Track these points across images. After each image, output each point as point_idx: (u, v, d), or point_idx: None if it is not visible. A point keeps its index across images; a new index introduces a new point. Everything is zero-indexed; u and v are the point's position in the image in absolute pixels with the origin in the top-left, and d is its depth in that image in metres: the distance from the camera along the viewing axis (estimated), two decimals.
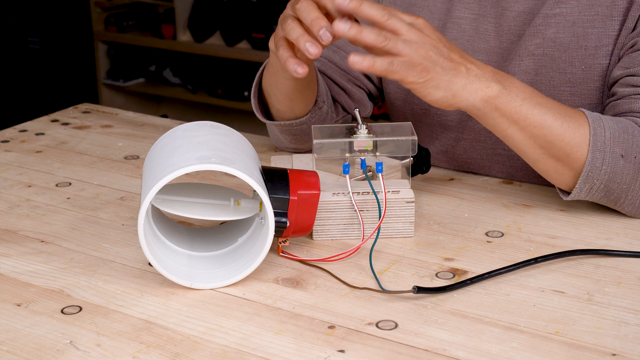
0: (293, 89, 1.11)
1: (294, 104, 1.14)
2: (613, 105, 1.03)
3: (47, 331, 0.79)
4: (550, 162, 0.97)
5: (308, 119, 1.15)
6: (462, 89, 0.92)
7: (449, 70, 0.91)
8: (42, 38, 3.83)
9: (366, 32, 0.88)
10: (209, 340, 0.77)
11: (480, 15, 1.15)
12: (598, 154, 0.95)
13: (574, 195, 0.98)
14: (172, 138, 0.90)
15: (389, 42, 0.88)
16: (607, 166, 0.95)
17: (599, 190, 0.97)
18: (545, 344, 0.76)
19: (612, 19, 1.07)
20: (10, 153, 1.25)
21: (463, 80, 0.92)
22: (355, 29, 0.88)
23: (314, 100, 1.15)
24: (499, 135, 0.97)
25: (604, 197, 0.98)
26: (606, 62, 1.08)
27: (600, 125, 0.96)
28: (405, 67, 0.89)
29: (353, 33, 0.88)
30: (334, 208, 0.95)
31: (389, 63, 0.88)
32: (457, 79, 0.92)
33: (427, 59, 0.90)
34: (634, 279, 0.87)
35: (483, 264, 0.90)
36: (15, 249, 0.95)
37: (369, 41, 0.88)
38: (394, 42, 0.89)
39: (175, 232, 0.93)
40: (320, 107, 1.16)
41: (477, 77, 0.93)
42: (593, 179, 0.96)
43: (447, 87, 0.92)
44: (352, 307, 0.82)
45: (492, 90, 0.93)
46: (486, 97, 0.93)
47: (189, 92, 3.77)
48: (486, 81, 0.93)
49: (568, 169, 0.97)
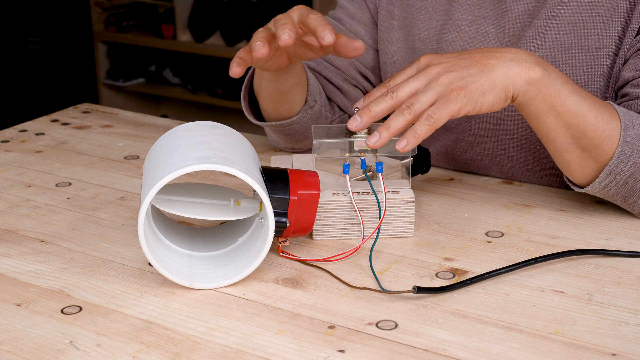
0: (276, 91, 1.11)
1: (278, 106, 1.14)
2: (627, 105, 1.02)
3: (47, 331, 0.79)
4: (577, 153, 0.95)
5: (299, 119, 1.15)
6: (505, 78, 0.90)
7: (481, 70, 0.89)
8: (42, 38, 3.83)
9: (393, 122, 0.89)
10: (209, 340, 0.77)
11: (480, 17, 1.15)
12: (627, 149, 0.93)
13: (591, 187, 0.96)
14: (172, 138, 0.90)
15: (413, 108, 0.88)
16: (632, 162, 0.94)
17: (617, 186, 0.96)
18: (545, 344, 0.76)
19: (613, 20, 1.07)
20: (10, 153, 1.25)
21: (501, 69, 0.90)
22: (385, 131, 0.88)
23: (301, 102, 1.15)
24: (532, 122, 0.94)
25: (618, 194, 0.97)
26: (608, 63, 1.08)
27: (630, 120, 0.95)
28: (441, 106, 0.88)
29: (385, 137, 0.89)
30: (334, 208, 0.95)
31: (425, 120, 0.88)
32: (493, 73, 0.90)
33: (453, 81, 0.88)
34: (634, 279, 0.87)
35: (483, 264, 0.90)
36: (15, 249, 0.95)
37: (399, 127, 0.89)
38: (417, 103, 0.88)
39: (175, 232, 0.93)
40: (312, 106, 1.16)
41: (514, 60, 0.91)
42: (615, 174, 0.94)
43: (492, 86, 0.89)
44: (352, 307, 0.82)
45: (536, 72, 0.90)
46: (530, 80, 0.90)
47: (189, 92, 3.77)
48: (526, 63, 0.91)
49: (593, 160, 0.95)
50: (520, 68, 0.90)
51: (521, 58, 0.91)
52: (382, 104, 0.90)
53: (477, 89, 0.89)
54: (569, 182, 1.00)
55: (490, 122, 1.15)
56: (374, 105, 0.90)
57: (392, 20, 1.22)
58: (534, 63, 0.91)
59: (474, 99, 0.89)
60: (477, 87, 0.89)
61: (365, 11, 1.24)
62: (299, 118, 1.15)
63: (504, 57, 0.91)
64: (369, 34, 1.24)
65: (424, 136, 0.88)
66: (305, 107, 1.15)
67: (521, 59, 0.91)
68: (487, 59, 0.90)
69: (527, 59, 0.91)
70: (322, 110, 1.19)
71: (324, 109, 1.19)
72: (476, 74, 0.89)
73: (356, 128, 0.91)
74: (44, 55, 3.85)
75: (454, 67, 0.90)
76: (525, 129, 1.13)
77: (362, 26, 1.24)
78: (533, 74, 0.90)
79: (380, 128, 0.89)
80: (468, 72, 0.89)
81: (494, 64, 0.90)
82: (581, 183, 0.98)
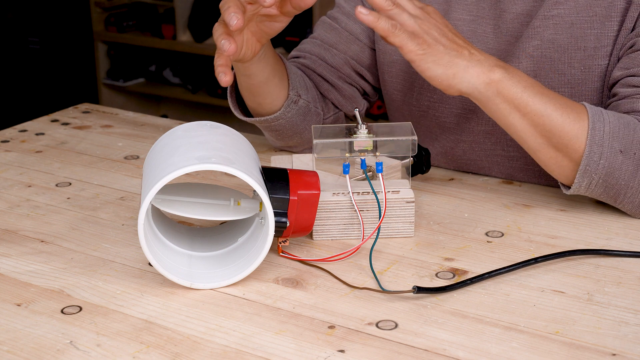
0: (253, 85, 1.12)
1: (259, 100, 1.14)
2: (615, 105, 1.03)
3: (47, 331, 0.79)
4: (550, 152, 0.97)
5: (282, 114, 1.15)
6: (464, 71, 0.94)
7: (451, 50, 0.94)
8: (42, 38, 3.83)
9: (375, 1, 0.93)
10: (209, 340, 0.77)
11: (478, 17, 1.15)
12: (595, 148, 0.95)
13: (574, 189, 0.98)
14: (172, 138, 0.90)
15: (395, 9, 0.93)
16: (604, 160, 0.95)
17: (598, 186, 0.97)
18: (545, 344, 0.76)
19: (610, 20, 1.07)
20: (10, 153, 1.25)
21: (465, 62, 0.94)
22: (373, 17, 0.92)
23: (283, 96, 1.15)
24: (500, 122, 0.98)
25: (603, 193, 0.98)
26: (605, 63, 1.08)
27: (601, 119, 0.96)
28: (406, 34, 0.92)
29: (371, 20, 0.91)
30: (334, 208, 0.95)
31: (392, 25, 0.92)
32: (458, 59, 0.94)
33: (429, 34, 0.93)
34: (634, 279, 0.87)
35: (483, 264, 0.90)
36: (15, 249, 0.95)
37: (377, 3, 0.92)
38: (399, 12, 0.93)
39: (175, 232, 0.93)
40: (295, 100, 1.15)
41: (480, 61, 0.95)
42: (591, 173, 0.96)
43: (447, 65, 0.94)
44: (352, 307, 0.82)
45: (495, 75, 0.94)
46: (489, 81, 0.94)
47: (189, 92, 3.77)
48: (489, 66, 0.95)
49: (567, 160, 0.97)
50: (482, 69, 0.95)
51: (487, 62, 0.95)
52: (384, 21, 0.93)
53: (435, 56, 0.94)
54: (560, 184, 1.02)
55: (490, 123, 1.15)
56: None
57: None
58: (497, 66, 0.95)
59: (427, 60, 0.94)
60: (438, 55, 0.94)
61: None
62: (282, 113, 1.15)
63: (475, 56, 0.95)
64: (364, 33, 1.24)
65: (379, 28, 0.92)
66: (287, 102, 1.15)
67: (487, 62, 0.95)
68: (463, 48, 0.95)
69: (492, 63, 0.96)
70: (310, 106, 1.18)
71: (312, 105, 1.19)
72: (448, 48, 0.94)
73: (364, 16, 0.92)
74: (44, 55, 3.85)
75: (439, 30, 0.95)
76: None
77: (358, 25, 1.24)
78: (492, 75, 0.95)
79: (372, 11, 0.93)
80: (444, 42, 0.94)
81: (464, 55, 0.95)
82: (565, 183, 1.00)
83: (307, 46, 1.25)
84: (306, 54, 1.24)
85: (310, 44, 1.25)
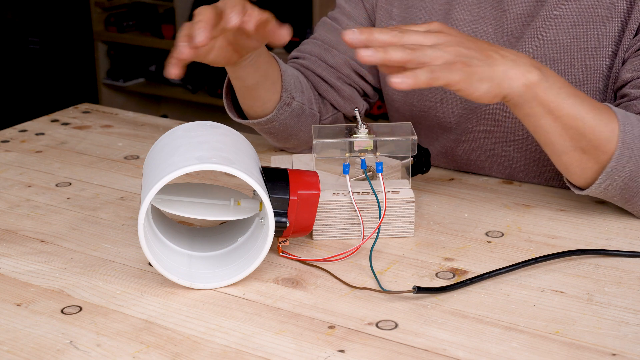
0: (243, 88, 1.11)
1: (250, 103, 1.14)
2: (626, 106, 1.02)
3: (47, 331, 0.79)
4: (576, 155, 0.95)
5: (275, 116, 1.14)
6: (504, 76, 0.89)
7: (485, 60, 0.89)
8: (42, 38, 3.83)
9: (392, 51, 0.85)
10: (209, 340, 0.77)
11: (479, 17, 1.15)
12: (626, 151, 0.93)
13: (591, 190, 0.96)
14: (172, 138, 0.90)
15: (417, 53, 0.86)
16: (631, 164, 0.94)
17: (617, 188, 0.96)
18: (545, 344, 0.76)
19: (612, 20, 1.07)
20: (10, 153, 1.25)
21: (502, 67, 0.89)
22: (381, 52, 0.85)
23: (275, 99, 1.14)
24: (529, 125, 0.94)
25: (618, 195, 0.97)
26: (606, 64, 1.08)
27: (629, 122, 0.94)
28: (445, 69, 0.86)
29: (380, 57, 0.85)
30: (334, 208, 0.95)
31: (429, 71, 0.85)
32: (496, 67, 0.89)
33: (459, 55, 0.87)
34: (634, 279, 0.87)
35: (483, 264, 0.90)
36: (15, 249, 0.95)
37: (397, 59, 0.85)
38: (421, 52, 0.86)
39: (175, 232, 0.93)
40: (288, 103, 1.14)
41: (515, 62, 0.90)
42: (615, 176, 0.94)
43: (490, 77, 0.89)
44: (352, 307, 0.82)
45: (533, 76, 0.90)
46: (528, 83, 0.90)
47: (189, 92, 3.77)
48: (525, 66, 0.90)
49: (593, 162, 0.95)
50: (519, 70, 0.90)
51: (521, 61, 0.91)
52: (385, 35, 0.87)
53: (478, 73, 0.88)
54: (569, 184, 1.00)
55: (490, 123, 1.15)
56: (377, 33, 0.87)
57: (391, 20, 1.22)
58: (532, 66, 0.91)
59: (472, 80, 0.88)
60: (478, 71, 0.88)
61: (361, 11, 1.24)
62: (274, 115, 1.14)
63: (507, 56, 0.91)
64: None
65: (422, 83, 0.85)
66: (280, 104, 1.14)
67: (521, 61, 0.91)
68: (492, 52, 0.90)
69: (527, 62, 0.91)
70: (304, 108, 1.18)
71: (307, 106, 1.18)
72: (481, 59, 0.89)
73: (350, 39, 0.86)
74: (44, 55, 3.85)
75: (463, 44, 0.89)
76: (525, 130, 1.13)
77: (359, 26, 1.24)
78: (531, 77, 0.90)
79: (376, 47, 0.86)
80: (474, 54, 0.89)
81: (497, 59, 0.90)
82: (581, 185, 0.98)
83: (307, 47, 1.25)
84: (306, 54, 1.24)
85: (310, 45, 1.25)
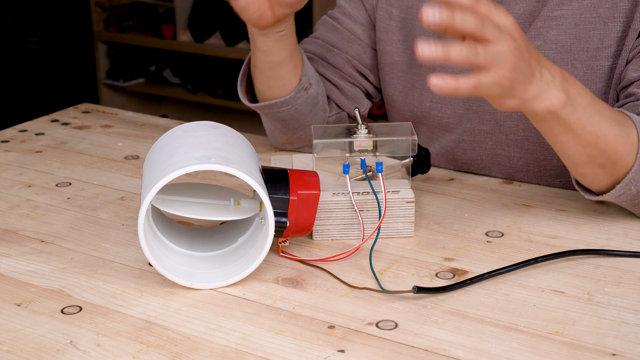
0: (268, 63, 1.11)
1: (271, 82, 1.14)
2: (633, 105, 1.02)
3: (47, 331, 0.79)
4: (592, 168, 0.94)
5: (291, 99, 1.14)
6: (532, 99, 0.87)
7: (526, 79, 0.86)
8: (42, 38, 3.83)
9: (455, 51, 0.80)
10: (209, 340, 0.77)
11: None
12: None
13: (605, 197, 0.96)
14: (172, 138, 0.90)
15: (479, 57, 0.81)
16: None
17: (630, 195, 0.95)
18: (545, 344, 0.76)
19: (613, 20, 1.07)
20: (10, 153, 1.25)
21: (535, 89, 0.86)
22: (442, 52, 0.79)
23: (295, 82, 1.14)
24: (547, 138, 0.93)
25: (629, 201, 0.97)
26: (608, 64, 1.07)
27: None
28: (491, 86, 0.83)
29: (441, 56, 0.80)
30: (334, 208, 0.95)
31: (474, 86, 0.82)
32: (530, 86, 0.86)
33: (513, 70, 0.83)
34: (634, 279, 0.87)
35: (483, 264, 0.90)
36: (15, 249, 0.95)
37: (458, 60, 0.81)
38: (483, 56, 0.81)
39: (175, 232, 0.93)
40: (306, 87, 1.15)
41: (548, 84, 0.87)
42: (631, 186, 0.94)
43: (521, 97, 0.86)
44: (352, 307, 0.82)
45: (559, 102, 0.87)
46: (552, 109, 0.88)
47: (189, 92, 3.77)
48: (555, 91, 0.87)
49: (609, 175, 0.94)
50: (548, 95, 0.87)
51: (554, 83, 0.87)
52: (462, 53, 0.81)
53: (513, 91, 0.85)
54: (579, 188, 0.99)
55: (490, 123, 1.15)
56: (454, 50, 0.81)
57: (391, 21, 1.22)
58: (562, 90, 0.88)
59: (504, 97, 0.86)
60: (515, 89, 0.85)
61: (362, 11, 1.24)
62: (291, 98, 1.14)
63: (544, 78, 0.87)
64: (366, 33, 1.24)
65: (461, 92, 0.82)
66: (298, 87, 1.14)
67: (554, 84, 0.87)
68: (535, 69, 0.86)
69: (558, 85, 0.88)
70: (318, 98, 1.18)
71: (321, 98, 1.19)
72: (523, 78, 0.85)
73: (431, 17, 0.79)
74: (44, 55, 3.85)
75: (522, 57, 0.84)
76: (525, 130, 1.13)
77: (359, 26, 1.24)
78: (557, 102, 0.87)
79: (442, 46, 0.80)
80: (523, 70, 0.85)
81: (535, 79, 0.86)
82: (595, 191, 0.98)
83: (308, 46, 1.25)
84: (308, 53, 1.24)
85: (311, 44, 1.25)
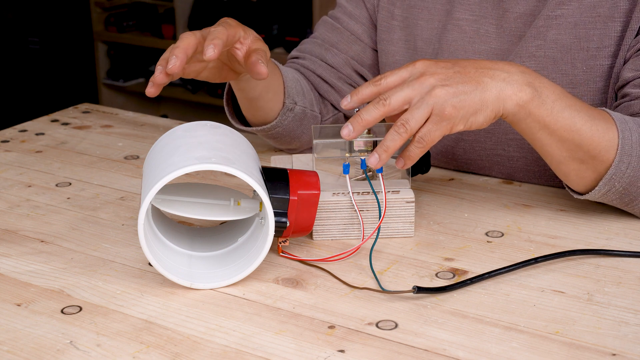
0: (245, 99, 1.12)
1: (253, 112, 1.14)
2: (627, 106, 1.02)
3: (47, 331, 0.79)
4: (574, 165, 0.94)
5: (278, 123, 1.15)
6: (497, 100, 0.89)
7: (474, 88, 0.88)
8: (42, 38, 3.83)
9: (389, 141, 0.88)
10: (209, 340, 0.77)
11: (481, 17, 1.15)
12: (625, 157, 0.93)
13: (590, 196, 0.96)
14: (172, 138, 0.90)
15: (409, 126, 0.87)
16: (631, 170, 0.93)
17: (616, 193, 0.95)
18: (545, 344, 0.76)
19: (613, 20, 1.07)
20: (10, 153, 1.25)
21: (494, 90, 0.89)
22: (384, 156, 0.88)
23: (278, 107, 1.14)
24: (527, 138, 0.94)
25: (617, 199, 0.97)
26: (608, 63, 1.08)
27: (627, 128, 0.94)
28: (435, 126, 0.88)
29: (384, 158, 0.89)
30: (334, 208, 0.95)
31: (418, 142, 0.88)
32: (487, 92, 0.88)
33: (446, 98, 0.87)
34: (634, 279, 0.87)
35: (483, 264, 0.90)
36: (15, 249, 0.95)
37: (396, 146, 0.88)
38: (412, 121, 0.87)
39: (175, 232, 0.93)
40: (291, 108, 1.15)
41: (506, 80, 0.89)
42: (614, 182, 0.94)
43: (484, 106, 0.88)
44: (352, 307, 0.82)
45: (525, 95, 0.89)
46: (520, 102, 0.89)
47: (189, 92, 3.77)
48: (517, 84, 0.89)
49: (591, 171, 0.94)
50: (512, 90, 0.89)
51: (513, 78, 0.90)
52: (374, 111, 0.89)
53: (470, 109, 0.88)
54: (568, 189, 1.00)
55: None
56: (365, 114, 0.89)
57: (393, 20, 1.22)
58: (524, 84, 0.90)
59: (466, 118, 0.88)
60: (470, 106, 0.88)
61: (363, 10, 1.24)
62: (278, 122, 1.15)
63: (497, 76, 0.89)
64: (366, 33, 1.24)
65: (418, 157, 0.90)
66: (283, 110, 1.14)
67: (513, 79, 0.90)
68: (481, 76, 0.89)
69: (519, 79, 0.90)
70: (306, 111, 1.18)
71: (309, 109, 1.19)
72: (470, 91, 0.88)
73: (349, 137, 0.89)
74: (44, 55, 3.85)
75: (449, 82, 0.88)
76: None
77: (360, 25, 1.24)
78: (523, 96, 0.89)
79: (379, 149, 0.88)
80: (462, 88, 0.88)
81: (487, 83, 0.89)
82: (580, 190, 0.98)
83: (307, 46, 1.25)
84: (306, 54, 1.24)
85: (310, 44, 1.25)
